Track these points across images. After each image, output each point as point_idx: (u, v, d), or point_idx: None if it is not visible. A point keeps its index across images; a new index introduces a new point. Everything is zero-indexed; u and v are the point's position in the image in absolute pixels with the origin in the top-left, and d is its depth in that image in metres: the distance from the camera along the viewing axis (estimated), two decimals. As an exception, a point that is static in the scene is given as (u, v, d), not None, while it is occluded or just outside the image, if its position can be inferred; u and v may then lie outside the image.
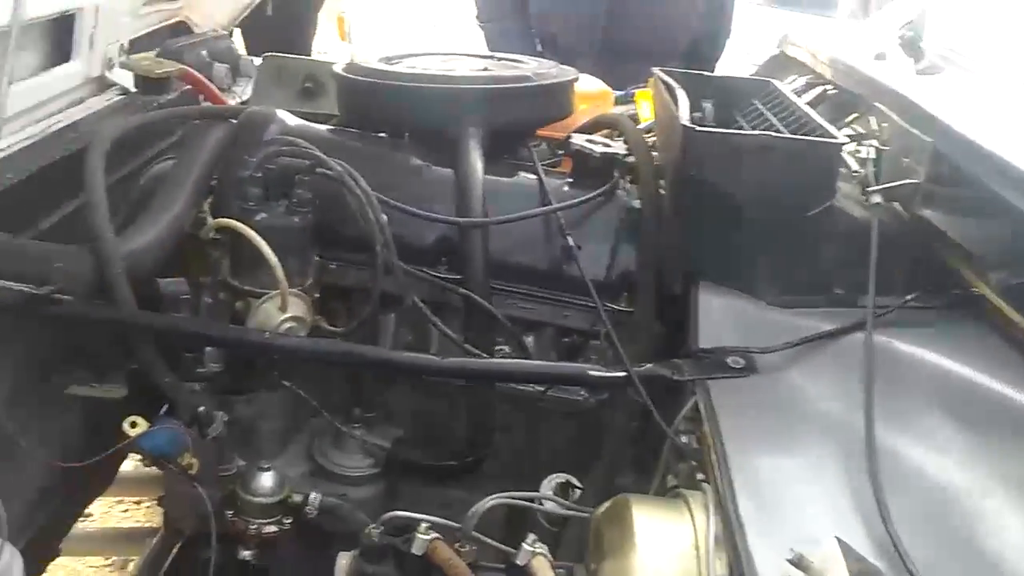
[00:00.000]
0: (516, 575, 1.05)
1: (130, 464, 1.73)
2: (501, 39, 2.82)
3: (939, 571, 0.85)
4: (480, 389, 1.34)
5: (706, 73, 1.61)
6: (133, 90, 1.75)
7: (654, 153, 1.46)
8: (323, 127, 1.53)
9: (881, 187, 1.19)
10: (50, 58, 1.69)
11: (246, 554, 1.27)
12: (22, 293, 1.03)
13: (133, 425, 1.14)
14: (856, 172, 1.23)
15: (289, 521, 1.27)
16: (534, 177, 1.42)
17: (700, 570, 0.94)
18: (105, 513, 2.46)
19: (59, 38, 1.69)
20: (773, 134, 1.15)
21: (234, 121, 1.50)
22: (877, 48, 1.61)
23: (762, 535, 0.91)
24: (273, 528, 1.25)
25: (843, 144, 1.17)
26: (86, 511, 1.90)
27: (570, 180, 1.44)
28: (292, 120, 1.47)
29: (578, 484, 1.28)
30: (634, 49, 2.75)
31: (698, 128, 1.16)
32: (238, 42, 2.98)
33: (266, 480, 1.26)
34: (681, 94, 1.28)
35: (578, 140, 1.43)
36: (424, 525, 1.11)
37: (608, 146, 1.43)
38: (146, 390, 1.22)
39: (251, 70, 2.26)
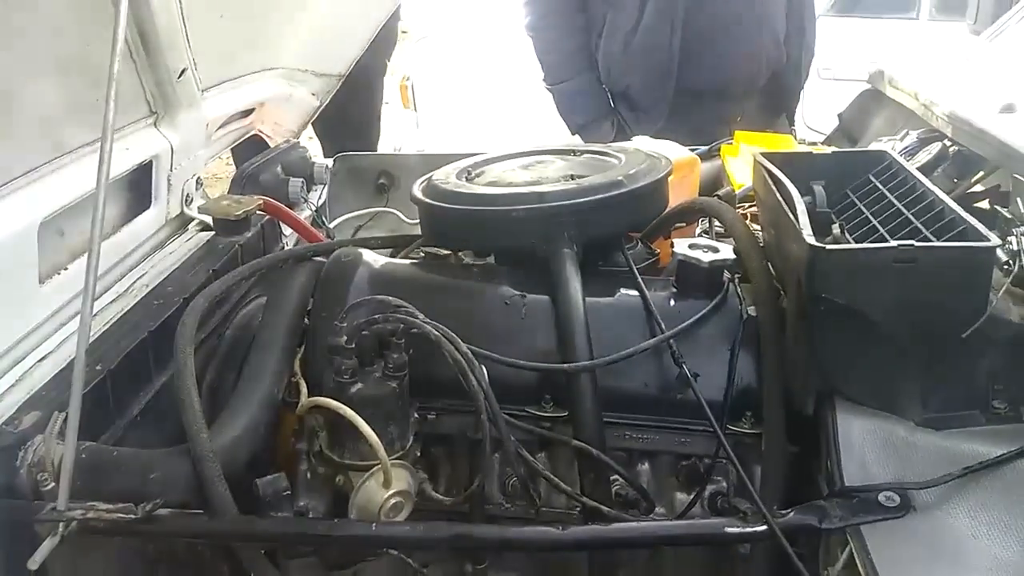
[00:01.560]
0: None
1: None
2: (573, 100, 2.78)
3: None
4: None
5: (813, 151, 1.51)
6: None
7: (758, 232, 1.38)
8: (407, 263, 1.51)
9: (1041, 283, 1.08)
10: (131, 208, 1.76)
11: None
12: (119, 520, 1.04)
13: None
14: (1007, 265, 1.12)
15: None
16: (635, 293, 1.36)
17: None
18: None
19: (139, 186, 1.75)
20: (915, 243, 1.05)
21: (320, 259, 1.50)
22: (1000, 93, 1.49)
23: None
24: None
25: (998, 245, 1.06)
26: None
27: (675, 291, 1.37)
28: (377, 260, 1.45)
29: None
30: (710, 89, 2.66)
31: (829, 248, 1.07)
32: (314, 144, 3.06)
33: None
34: (798, 199, 1.20)
35: (681, 248, 1.35)
36: None
37: (715, 250, 1.35)
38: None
39: (324, 176, 2.29)
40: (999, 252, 1.13)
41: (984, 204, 1.46)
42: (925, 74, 1.78)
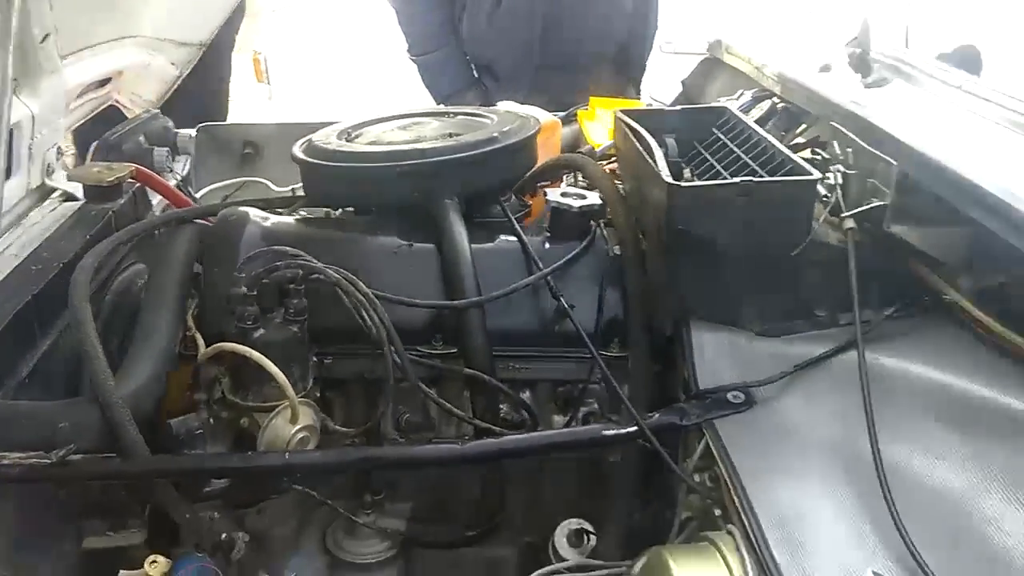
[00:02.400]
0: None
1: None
2: (437, 71, 2.90)
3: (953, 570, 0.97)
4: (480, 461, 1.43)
5: (664, 108, 1.72)
6: (78, 197, 1.80)
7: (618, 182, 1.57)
8: (292, 219, 1.60)
9: (854, 212, 1.31)
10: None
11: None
12: (33, 466, 1.09)
13: (154, 563, 1.21)
14: (825, 197, 1.35)
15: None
16: (513, 239, 1.52)
17: (743, 614, 1.04)
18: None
19: (-1, 156, 1.73)
20: (752, 179, 1.26)
21: (203, 222, 1.56)
22: (820, 57, 1.74)
23: (797, 573, 1.02)
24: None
25: (818, 180, 1.29)
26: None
27: (548, 236, 1.54)
28: (264, 218, 1.54)
29: (591, 530, 1.38)
30: (568, 62, 2.87)
31: (683, 185, 1.27)
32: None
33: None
34: (655, 147, 1.39)
35: (554, 196, 1.52)
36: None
37: (583, 197, 1.52)
38: (162, 529, 1.28)
39: (188, 146, 2.32)
40: (819, 187, 1.36)
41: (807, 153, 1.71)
42: (760, 40, 2.03)
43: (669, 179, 1.27)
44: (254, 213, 1.54)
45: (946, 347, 1.27)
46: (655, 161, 1.34)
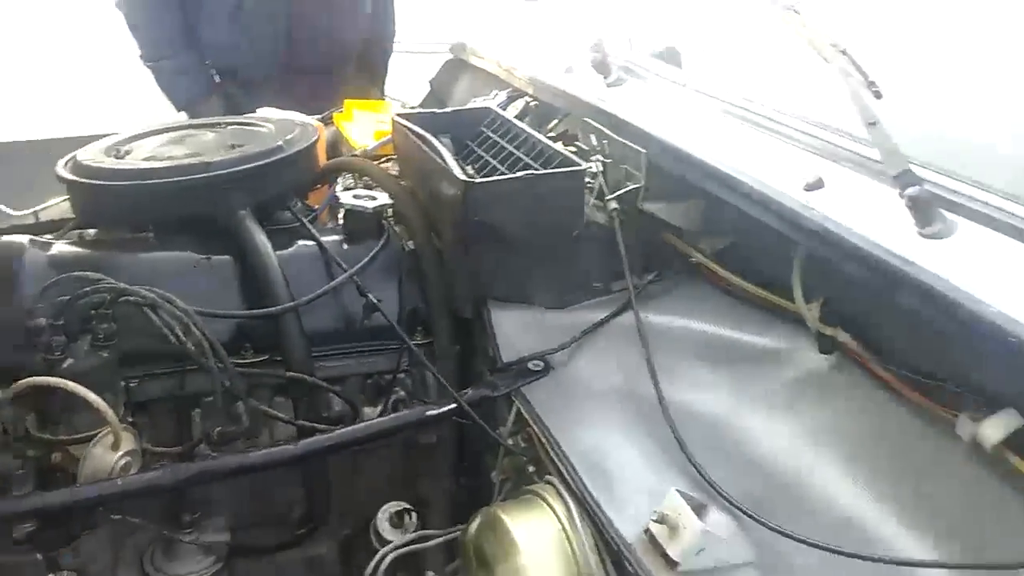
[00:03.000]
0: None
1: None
2: (175, 78, 2.81)
3: (735, 485, 1.21)
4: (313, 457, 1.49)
5: (437, 112, 1.85)
6: None
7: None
8: (72, 243, 1.54)
9: (616, 195, 1.54)
10: None
11: None
12: None
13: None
14: (590, 184, 1.57)
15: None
16: (311, 243, 1.58)
17: (575, 550, 1.22)
18: None
19: None
20: (534, 173, 1.44)
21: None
22: (564, 59, 1.97)
23: (613, 503, 1.21)
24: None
25: (586, 170, 1.49)
26: None
27: (344, 237, 1.62)
28: (43, 244, 1.46)
29: (412, 508, 1.50)
30: (314, 64, 2.92)
31: (477, 181, 1.41)
32: None
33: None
34: (442, 147, 1.52)
35: (346, 199, 1.60)
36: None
37: (373, 198, 1.62)
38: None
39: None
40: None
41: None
42: (502, 43, 2.23)
43: (463, 176, 1.41)
44: (29, 240, 1.46)
45: (698, 300, 1.53)
46: (444, 160, 1.48)
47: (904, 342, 1.18)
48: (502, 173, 1.54)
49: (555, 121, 1.95)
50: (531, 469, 1.41)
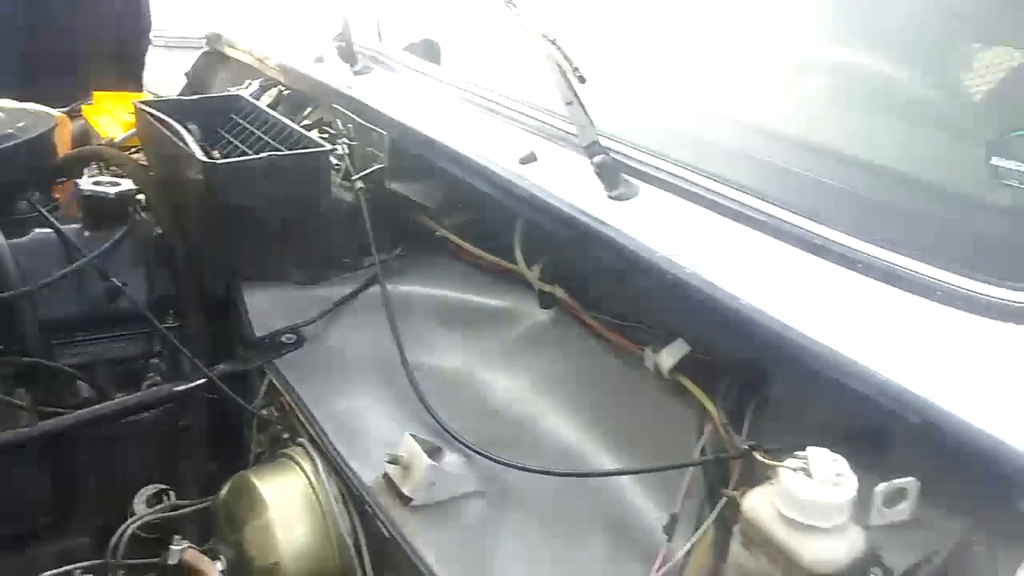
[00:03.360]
0: (174, 574, 1.29)
1: None
2: None
3: (472, 431, 1.34)
4: (55, 444, 1.47)
5: (184, 99, 1.86)
6: None
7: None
8: None
9: (361, 175, 1.63)
10: None
11: None
12: None
13: None
14: (337, 166, 1.65)
15: None
16: (49, 232, 1.55)
17: (321, 500, 1.30)
18: None
19: None
20: (277, 153, 1.49)
21: None
22: (314, 50, 2.03)
23: (357, 456, 1.30)
24: None
25: (329, 151, 1.57)
26: None
27: (85, 224, 1.60)
28: None
29: (169, 488, 1.52)
30: (59, 58, 2.80)
31: (219, 162, 1.45)
32: None
33: None
34: (184, 132, 1.54)
35: (87, 185, 1.58)
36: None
37: (116, 183, 1.61)
38: None
39: None
40: (332, 158, 1.65)
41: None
42: (257, 34, 2.25)
43: (204, 158, 1.45)
44: None
45: (442, 271, 1.66)
46: (187, 144, 1.50)
47: (603, 291, 1.35)
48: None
49: (309, 109, 2.01)
50: (286, 436, 1.48)
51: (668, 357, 1.21)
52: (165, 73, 3.14)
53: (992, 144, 1.05)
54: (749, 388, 1.12)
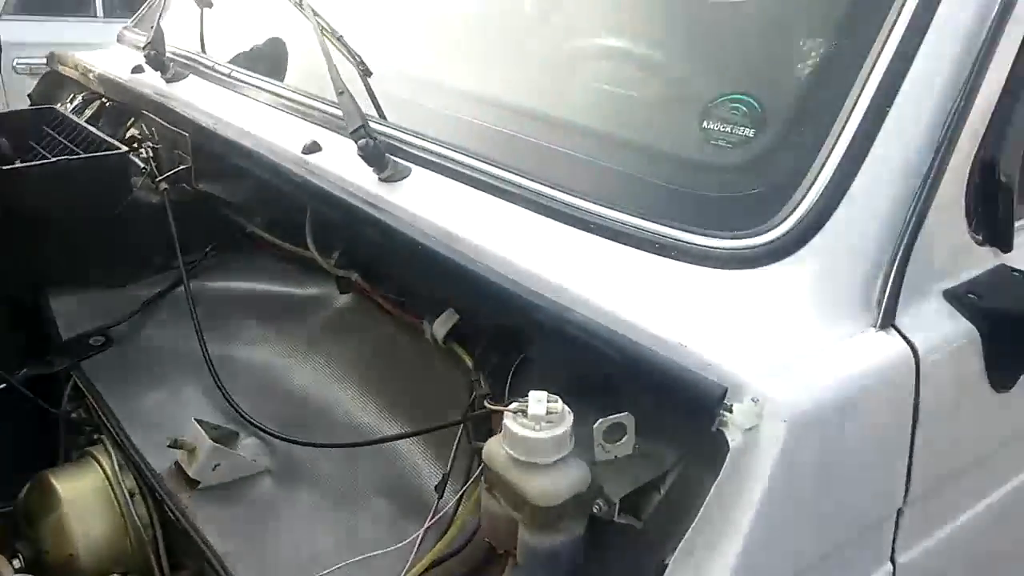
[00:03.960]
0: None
1: None
2: None
3: (273, 416, 1.36)
4: None
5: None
6: None
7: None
8: None
9: (165, 176, 1.64)
10: None
11: None
12: None
13: None
14: (144, 169, 1.66)
15: None
16: None
17: (116, 493, 1.30)
18: None
19: None
20: (68, 157, 1.50)
21: None
22: (134, 61, 2.03)
23: (154, 448, 1.31)
24: None
25: (127, 152, 1.58)
26: None
27: None
28: None
29: None
30: None
31: (3, 168, 1.44)
32: None
33: None
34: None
35: None
36: None
37: None
38: None
39: None
40: (137, 161, 1.66)
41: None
42: (88, 55, 2.23)
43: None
44: None
45: (254, 264, 1.68)
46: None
47: (387, 270, 1.40)
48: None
49: (132, 119, 2.00)
50: (96, 436, 1.47)
51: (440, 327, 1.26)
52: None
53: (702, 110, 1.14)
54: (509, 349, 1.17)
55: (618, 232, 1.08)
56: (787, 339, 0.96)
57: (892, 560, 1.09)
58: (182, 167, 1.64)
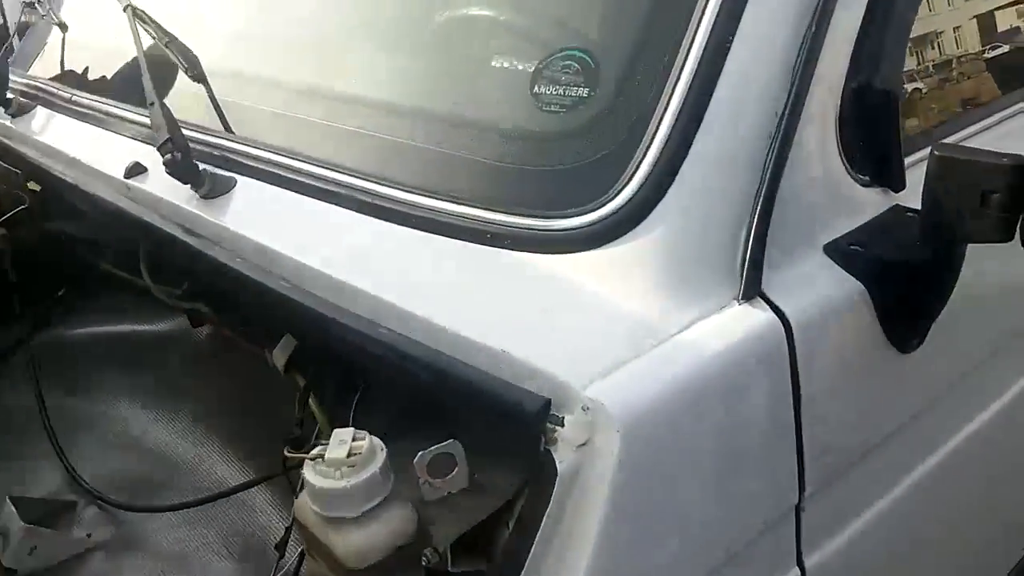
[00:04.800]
0: None
1: None
2: None
3: (124, 476, 1.21)
4: None
5: None
6: None
7: None
8: None
9: (4, 219, 1.48)
10: None
11: None
12: None
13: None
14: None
15: None
16: None
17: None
18: None
19: None
20: None
21: None
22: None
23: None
24: None
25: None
26: None
27: None
28: None
29: None
30: None
31: None
32: None
33: None
34: None
35: None
36: None
37: None
38: None
39: None
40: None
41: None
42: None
43: None
44: None
45: (112, 305, 1.51)
46: None
47: (229, 298, 1.23)
48: None
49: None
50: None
51: (280, 356, 1.10)
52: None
53: (531, 74, 0.97)
54: (348, 376, 1.01)
55: (441, 224, 0.92)
56: (628, 330, 0.80)
57: (800, 564, 0.92)
58: (20, 208, 1.48)
